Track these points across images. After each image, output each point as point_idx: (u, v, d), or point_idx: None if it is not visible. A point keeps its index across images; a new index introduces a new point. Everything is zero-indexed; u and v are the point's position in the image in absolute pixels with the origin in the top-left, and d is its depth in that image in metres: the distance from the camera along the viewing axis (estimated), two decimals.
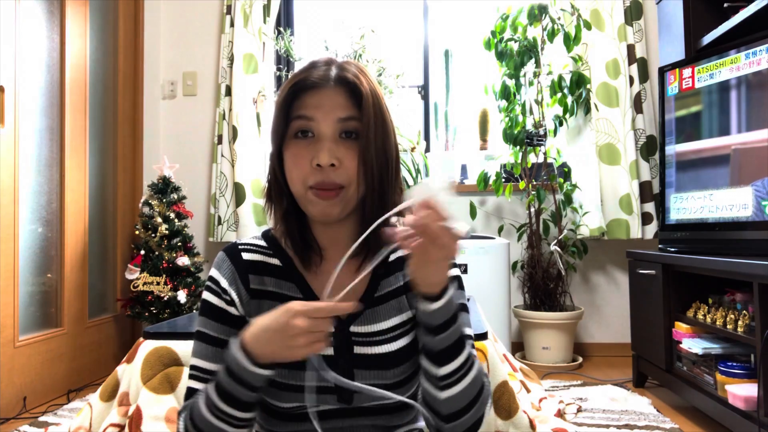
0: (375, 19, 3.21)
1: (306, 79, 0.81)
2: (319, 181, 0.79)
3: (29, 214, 2.29)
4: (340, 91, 0.81)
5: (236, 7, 3.13)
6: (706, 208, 2.08)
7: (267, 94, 3.21)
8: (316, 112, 0.80)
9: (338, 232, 0.87)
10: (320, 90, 0.80)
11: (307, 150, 0.80)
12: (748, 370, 1.71)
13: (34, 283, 2.31)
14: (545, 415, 1.80)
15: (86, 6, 2.64)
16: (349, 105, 0.80)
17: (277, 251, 0.89)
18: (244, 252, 0.88)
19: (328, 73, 0.81)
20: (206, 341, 0.84)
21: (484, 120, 3.24)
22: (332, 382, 0.80)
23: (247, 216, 3.06)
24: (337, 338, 0.83)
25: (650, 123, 2.92)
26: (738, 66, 1.97)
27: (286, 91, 0.82)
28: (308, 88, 0.81)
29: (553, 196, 2.92)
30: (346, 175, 0.79)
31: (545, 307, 2.83)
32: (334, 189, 0.79)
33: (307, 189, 0.80)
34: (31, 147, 2.31)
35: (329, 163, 0.78)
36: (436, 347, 0.77)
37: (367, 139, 0.80)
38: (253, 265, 0.87)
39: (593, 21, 2.90)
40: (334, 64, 0.83)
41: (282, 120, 0.82)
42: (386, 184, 0.83)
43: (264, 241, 0.90)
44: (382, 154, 0.81)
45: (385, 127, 0.83)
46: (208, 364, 0.83)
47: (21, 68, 2.23)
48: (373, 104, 0.81)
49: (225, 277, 0.85)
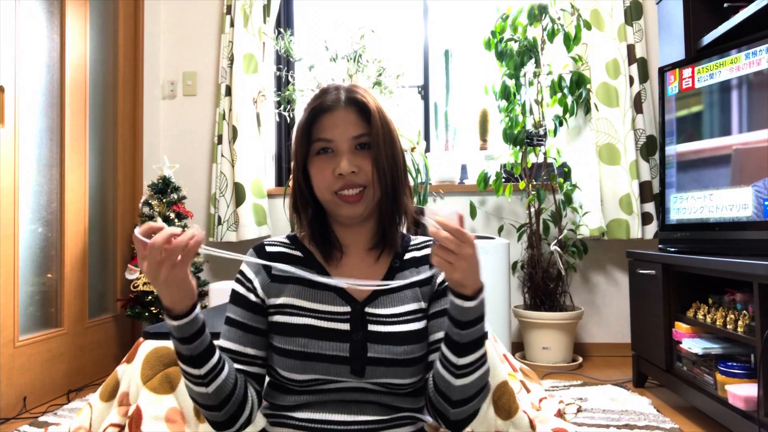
0: (375, 19, 3.21)
1: (322, 104, 0.96)
2: (342, 185, 0.94)
3: (29, 214, 2.29)
4: (351, 111, 0.96)
5: (236, 7, 3.13)
6: (706, 208, 2.08)
7: (267, 94, 3.21)
8: (334, 133, 0.94)
9: (358, 233, 1.00)
10: (334, 112, 0.95)
11: (329, 163, 0.94)
12: (748, 370, 1.71)
13: (34, 283, 2.31)
14: (545, 415, 1.79)
15: (86, 6, 2.64)
16: (360, 122, 0.95)
17: (299, 246, 1.02)
18: (268, 246, 1.01)
19: (339, 96, 0.96)
20: (229, 324, 0.97)
21: (484, 120, 3.24)
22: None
23: (247, 216, 3.06)
24: (354, 316, 0.94)
25: (650, 123, 2.92)
26: (738, 66, 1.97)
27: (305, 117, 0.97)
28: (324, 111, 0.96)
29: (553, 196, 2.92)
30: (365, 177, 0.94)
31: (545, 307, 2.83)
32: (358, 191, 0.94)
33: (333, 194, 0.94)
34: (31, 147, 2.31)
35: (350, 171, 0.93)
36: (461, 340, 0.85)
37: (378, 148, 0.95)
38: (275, 255, 1.00)
39: (593, 21, 2.90)
40: (342, 88, 0.98)
41: (304, 141, 0.97)
42: (398, 184, 0.97)
43: (287, 239, 1.04)
44: (391, 158, 0.96)
45: (392, 136, 0.98)
46: (233, 345, 0.96)
47: (21, 68, 2.23)
48: (379, 118, 0.96)
49: (250, 268, 0.99)
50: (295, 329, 0.93)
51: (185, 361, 0.87)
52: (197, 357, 0.86)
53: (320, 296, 0.96)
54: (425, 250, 1.04)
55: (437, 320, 0.97)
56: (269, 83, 3.25)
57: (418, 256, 1.03)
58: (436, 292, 0.99)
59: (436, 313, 0.97)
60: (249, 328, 0.96)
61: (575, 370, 2.72)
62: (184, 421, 1.45)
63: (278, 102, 3.24)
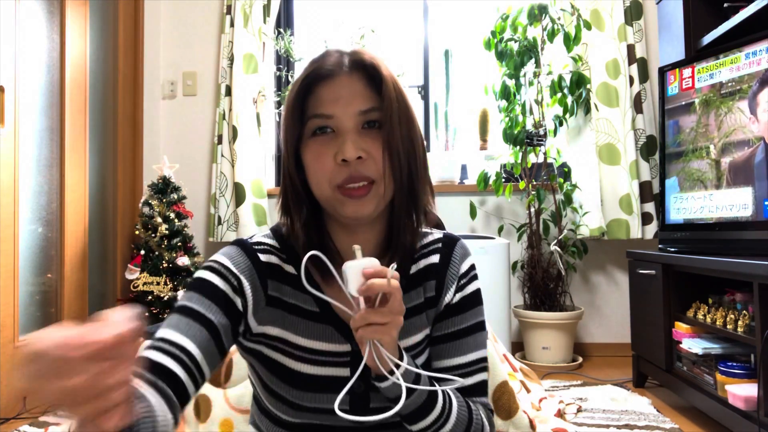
0: (375, 19, 3.21)
1: (320, 68, 0.74)
2: (347, 177, 0.71)
3: (29, 214, 2.29)
4: (356, 78, 0.74)
5: (236, 7, 3.13)
6: (706, 208, 2.08)
7: (267, 94, 3.21)
8: (335, 108, 0.72)
9: (361, 239, 0.78)
10: (335, 79, 0.73)
11: (328, 146, 0.72)
12: (748, 370, 1.71)
13: (34, 283, 2.31)
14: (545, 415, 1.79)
15: (86, 6, 2.64)
16: (369, 93, 0.74)
17: (291, 256, 0.80)
18: (260, 253, 0.79)
19: (341, 59, 0.75)
20: (184, 313, 0.70)
21: (484, 120, 3.24)
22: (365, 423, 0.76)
23: (247, 216, 3.06)
24: (354, 358, 0.78)
25: (650, 123, 2.92)
26: (738, 66, 1.97)
27: (298, 85, 0.74)
28: (322, 78, 0.74)
29: (553, 196, 2.92)
30: (375, 167, 0.72)
31: (545, 307, 2.83)
32: (365, 184, 0.72)
33: (334, 189, 0.73)
34: (31, 147, 2.31)
35: (356, 156, 0.71)
36: (401, 412, 0.73)
37: (391, 126, 0.73)
38: (271, 269, 0.78)
39: (593, 21, 2.90)
40: (345, 52, 0.76)
41: (296, 120, 0.75)
42: (415, 178, 0.76)
43: (276, 241, 0.82)
44: (408, 141, 0.75)
45: (409, 113, 0.76)
46: (176, 336, 0.67)
47: (21, 68, 2.23)
48: (394, 88, 0.74)
49: (237, 268, 0.76)
50: (289, 377, 0.77)
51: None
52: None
53: (317, 331, 0.78)
54: (433, 256, 0.85)
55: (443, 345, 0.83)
56: (269, 83, 3.25)
57: (426, 266, 0.85)
58: (444, 311, 0.84)
59: (442, 337, 0.83)
60: (211, 326, 0.70)
61: (575, 370, 2.72)
62: (184, 422, 1.45)
63: (278, 102, 3.24)
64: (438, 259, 0.86)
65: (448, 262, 0.85)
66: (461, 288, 0.85)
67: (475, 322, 0.85)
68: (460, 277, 0.85)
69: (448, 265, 0.85)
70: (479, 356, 0.84)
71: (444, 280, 0.85)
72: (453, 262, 0.86)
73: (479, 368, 0.84)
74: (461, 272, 0.86)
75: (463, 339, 0.83)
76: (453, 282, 0.85)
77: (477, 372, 0.83)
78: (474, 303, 0.86)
